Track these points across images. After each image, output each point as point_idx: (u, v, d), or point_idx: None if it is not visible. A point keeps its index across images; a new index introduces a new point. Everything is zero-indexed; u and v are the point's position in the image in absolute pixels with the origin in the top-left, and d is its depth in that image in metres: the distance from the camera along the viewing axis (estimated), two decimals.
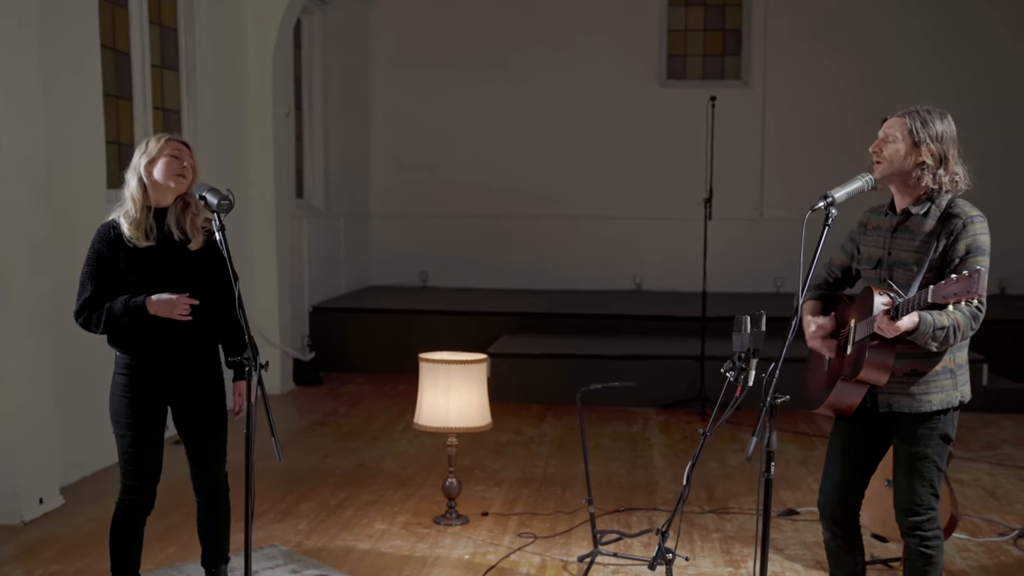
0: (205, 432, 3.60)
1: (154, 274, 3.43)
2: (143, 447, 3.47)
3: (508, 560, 4.41)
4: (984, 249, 3.10)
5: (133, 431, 3.46)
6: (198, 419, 3.58)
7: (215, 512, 3.67)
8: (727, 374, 3.10)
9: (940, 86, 10.54)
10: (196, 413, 3.58)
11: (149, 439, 3.49)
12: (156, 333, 3.42)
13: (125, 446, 3.47)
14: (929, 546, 3.21)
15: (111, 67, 6.07)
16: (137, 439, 3.46)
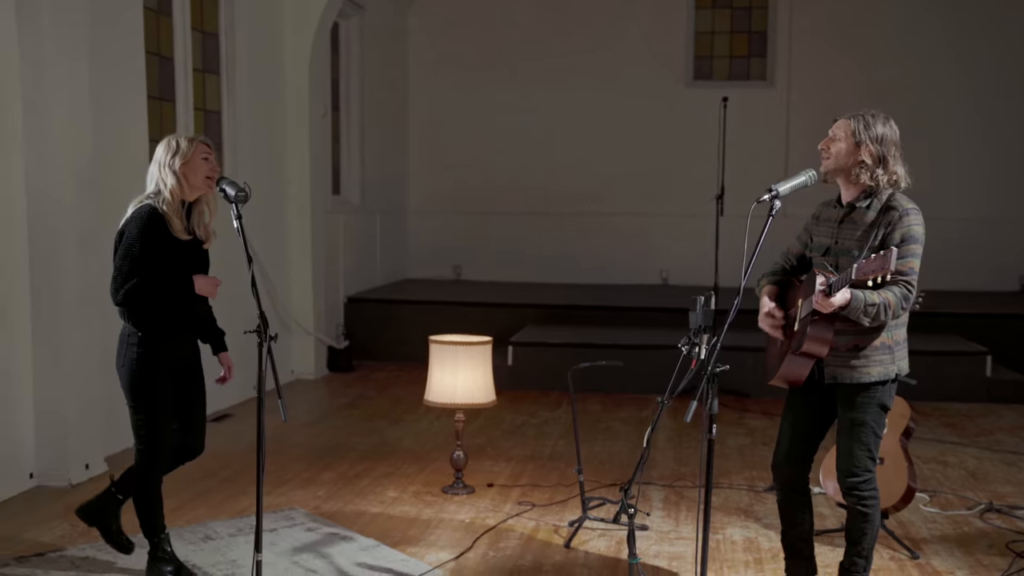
0: (201, 405, 4.05)
1: (186, 266, 3.87)
2: (159, 412, 3.87)
3: (505, 524, 4.80)
4: (917, 238, 3.44)
5: (151, 402, 3.84)
6: (196, 387, 4.03)
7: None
8: (682, 348, 3.47)
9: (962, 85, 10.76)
10: (194, 382, 4.02)
11: (165, 409, 3.89)
12: (177, 314, 3.86)
13: (142, 417, 3.86)
14: (866, 504, 3.55)
15: (155, 71, 6.57)
16: (155, 407, 3.85)
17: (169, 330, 3.87)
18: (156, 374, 3.85)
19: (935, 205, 10.58)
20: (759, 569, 4.25)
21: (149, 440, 3.89)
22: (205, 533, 4.56)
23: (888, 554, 4.40)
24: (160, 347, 3.85)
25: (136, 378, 3.84)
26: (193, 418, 4.03)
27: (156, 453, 3.92)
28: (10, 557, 4.22)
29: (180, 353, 3.94)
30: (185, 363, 3.97)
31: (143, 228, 3.79)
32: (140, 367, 3.83)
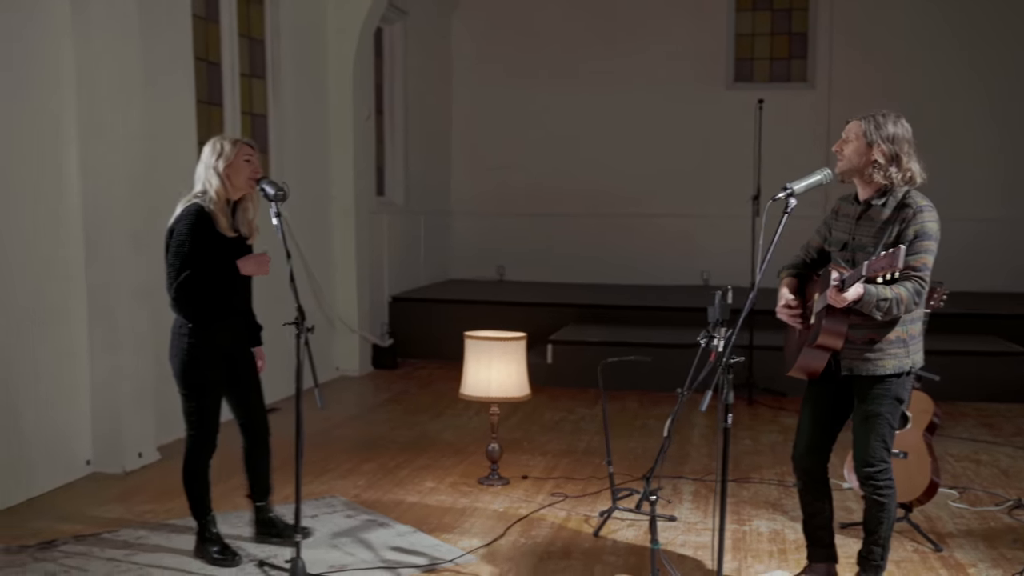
0: (255, 383, 4.28)
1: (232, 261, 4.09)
2: (208, 399, 4.13)
3: (537, 514, 4.96)
4: (930, 234, 3.53)
5: (199, 389, 4.11)
6: (249, 373, 4.27)
7: (260, 449, 4.34)
8: (701, 342, 3.60)
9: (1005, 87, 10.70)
10: (243, 366, 4.26)
11: (213, 395, 4.16)
12: (222, 304, 4.09)
13: (191, 403, 4.12)
14: (881, 494, 3.65)
15: (204, 76, 6.82)
16: (203, 393, 4.11)
17: (212, 319, 4.09)
18: (205, 363, 4.08)
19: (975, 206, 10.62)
20: (783, 559, 4.35)
21: (198, 426, 4.13)
22: (250, 518, 4.76)
23: (912, 546, 4.48)
24: (207, 336, 4.07)
25: (187, 367, 4.08)
26: (250, 399, 4.27)
27: (204, 438, 4.16)
28: (69, 536, 4.46)
29: (225, 340, 4.16)
30: (232, 349, 4.19)
31: (191, 225, 4.02)
32: (190, 356, 4.07)
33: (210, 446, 4.20)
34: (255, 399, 4.30)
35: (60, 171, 5.33)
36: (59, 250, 5.33)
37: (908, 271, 3.49)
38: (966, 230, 10.78)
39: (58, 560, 4.16)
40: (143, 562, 4.16)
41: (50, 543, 4.36)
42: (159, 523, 4.71)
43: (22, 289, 5.09)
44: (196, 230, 4.02)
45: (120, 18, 5.45)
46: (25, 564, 4.11)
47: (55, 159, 5.30)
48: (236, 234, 4.13)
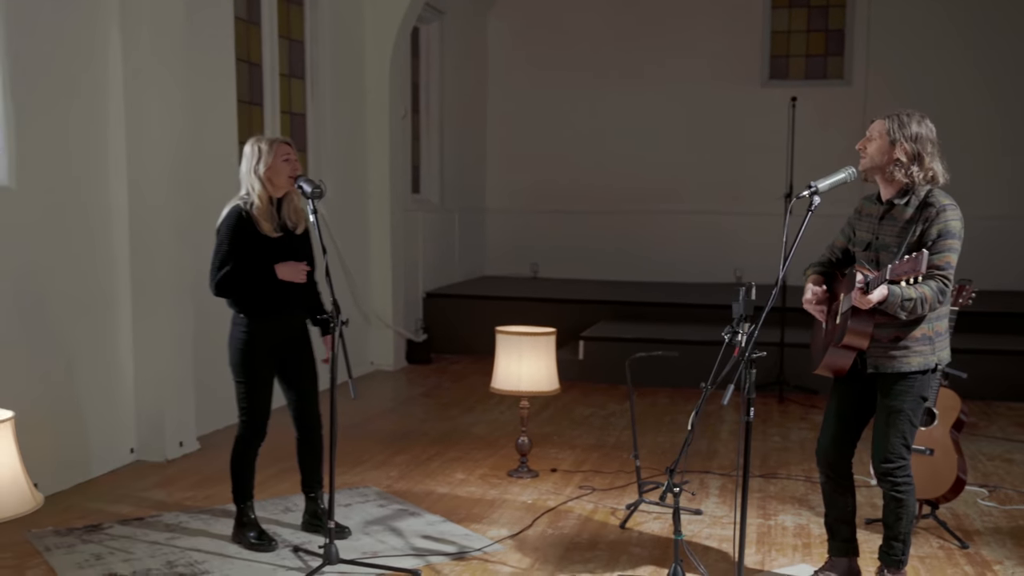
0: (308, 377, 4.40)
1: (277, 258, 4.24)
2: (259, 391, 4.29)
3: (565, 506, 5.05)
4: (953, 233, 3.58)
5: (251, 378, 4.28)
6: (302, 367, 4.39)
7: (312, 441, 4.47)
8: (725, 336, 3.68)
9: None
10: (301, 362, 4.39)
11: (264, 384, 4.32)
12: (272, 299, 4.23)
13: (243, 391, 4.29)
14: (900, 490, 3.71)
15: (245, 77, 6.98)
16: (255, 383, 4.27)
17: (266, 313, 4.24)
18: (258, 354, 4.25)
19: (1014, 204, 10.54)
20: (807, 553, 4.41)
21: (249, 412, 4.30)
22: (285, 505, 4.91)
23: (938, 543, 4.52)
24: (262, 328, 4.24)
25: (239, 355, 4.26)
26: (302, 389, 4.42)
27: (254, 425, 4.33)
28: (114, 520, 4.63)
29: (283, 333, 4.32)
30: (289, 342, 4.34)
31: (231, 227, 4.22)
32: (243, 346, 4.26)
33: (259, 434, 4.36)
34: (308, 393, 4.44)
35: (108, 169, 5.50)
36: (106, 246, 5.51)
37: (932, 270, 3.54)
38: (1004, 228, 10.74)
39: (104, 542, 4.32)
40: (184, 545, 4.31)
41: (96, 526, 4.53)
42: (199, 509, 4.86)
43: (73, 283, 5.28)
44: (235, 231, 4.20)
45: (166, 22, 5.61)
46: (73, 545, 4.27)
47: (103, 157, 5.47)
48: (282, 232, 4.26)
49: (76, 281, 5.30)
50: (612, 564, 4.23)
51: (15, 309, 4.89)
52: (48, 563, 4.09)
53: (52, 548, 4.24)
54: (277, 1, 7.39)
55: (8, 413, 3.08)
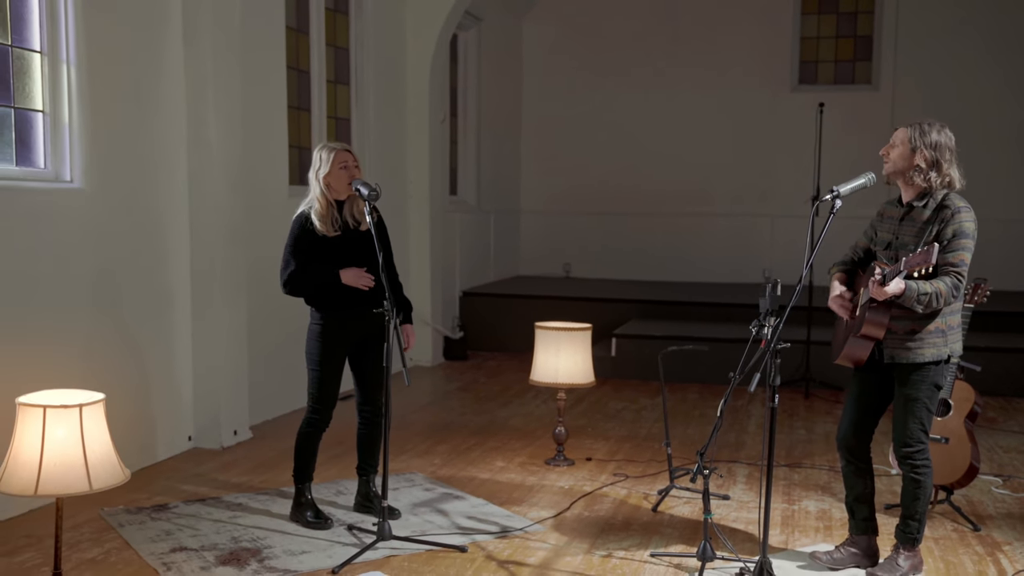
0: (377, 369, 4.71)
1: (338, 256, 4.57)
2: (328, 380, 4.63)
3: (600, 491, 5.34)
4: (967, 233, 3.84)
5: (322, 367, 4.61)
6: (371, 359, 4.71)
7: (372, 428, 4.80)
8: (752, 329, 3.96)
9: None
10: (370, 354, 4.71)
11: (333, 374, 4.65)
12: (344, 296, 4.56)
13: (314, 378, 4.63)
14: (919, 472, 3.97)
15: (294, 83, 7.33)
16: (323, 373, 4.61)
17: (335, 308, 4.58)
18: (328, 346, 4.59)
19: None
20: (828, 535, 4.68)
21: (316, 397, 4.65)
22: (338, 489, 5.24)
23: (952, 526, 4.77)
24: (333, 322, 4.59)
25: (311, 345, 4.63)
26: (366, 381, 4.75)
27: (321, 412, 4.67)
28: (179, 501, 4.98)
29: (354, 327, 4.64)
30: (363, 336, 4.67)
31: (293, 230, 4.62)
32: (315, 337, 4.62)
33: (325, 420, 4.70)
34: (375, 386, 4.74)
35: (170, 172, 5.86)
36: (168, 244, 5.87)
37: (947, 267, 3.81)
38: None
39: (171, 520, 4.66)
40: (246, 523, 4.64)
41: (163, 506, 4.88)
42: (256, 491, 5.20)
43: (139, 281, 5.64)
44: (296, 235, 4.59)
45: (225, 34, 5.96)
46: (144, 522, 4.62)
47: (166, 161, 5.83)
48: (342, 231, 4.58)
49: (142, 278, 5.66)
50: (645, 543, 4.51)
51: (93, 304, 5.26)
52: (123, 537, 4.43)
53: (125, 524, 4.59)
54: (325, 10, 7.73)
55: (99, 395, 3.42)
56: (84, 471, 3.27)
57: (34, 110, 5.03)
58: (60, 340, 5.01)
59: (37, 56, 5.00)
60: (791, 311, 3.90)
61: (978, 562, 4.32)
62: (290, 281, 4.58)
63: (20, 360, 4.71)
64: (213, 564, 4.11)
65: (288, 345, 6.92)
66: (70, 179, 5.16)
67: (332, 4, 7.92)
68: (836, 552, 4.25)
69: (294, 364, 6.97)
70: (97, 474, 3.30)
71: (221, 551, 4.27)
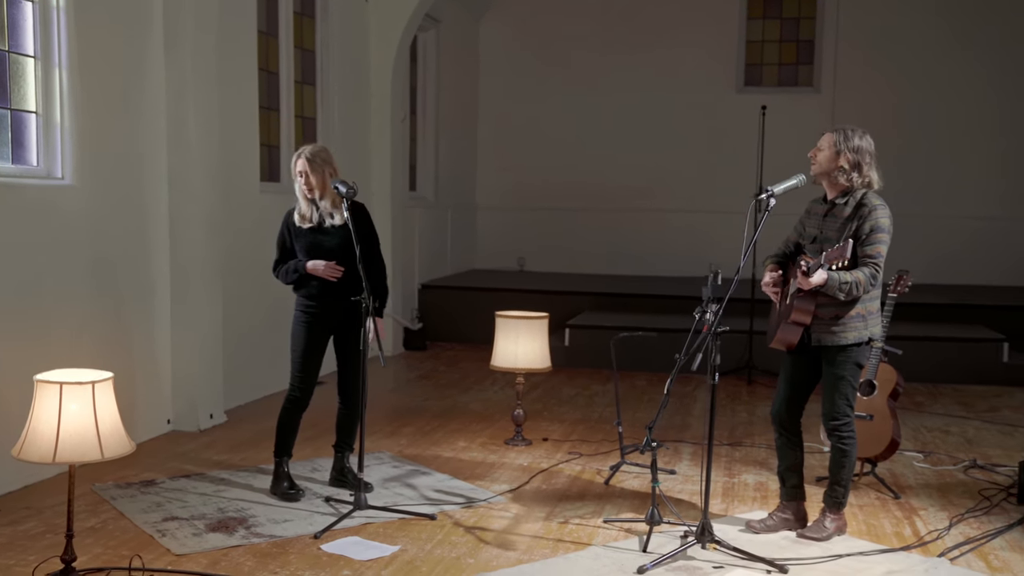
0: (353, 354, 5.07)
1: (313, 246, 4.95)
2: (308, 362, 5.01)
3: (556, 467, 5.78)
4: (883, 228, 4.33)
5: (302, 350, 5.00)
6: (350, 345, 5.07)
7: (350, 410, 5.18)
8: (695, 315, 4.41)
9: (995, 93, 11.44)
10: (349, 340, 5.08)
11: (313, 357, 5.04)
12: (323, 285, 4.94)
13: (296, 360, 5.02)
14: (845, 443, 4.46)
15: (264, 84, 7.66)
16: (304, 356, 4.99)
17: (313, 296, 4.97)
18: (308, 332, 4.99)
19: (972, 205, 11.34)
20: (764, 503, 5.15)
21: (298, 381, 5.05)
22: (313, 466, 5.61)
23: (875, 495, 5.27)
24: (313, 309, 4.98)
25: (293, 330, 5.04)
26: (345, 368, 5.13)
27: (301, 393, 5.06)
28: (165, 477, 5.32)
29: (333, 314, 5.01)
30: (341, 324, 5.04)
31: (281, 225, 5.09)
32: (296, 322, 5.03)
33: (304, 400, 5.09)
34: (353, 371, 5.11)
35: (153, 170, 6.18)
36: (150, 237, 6.19)
37: (866, 258, 4.30)
38: (964, 227, 11.55)
39: (160, 493, 5.01)
40: (230, 496, 5.00)
41: (151, 481, 5.22)
42: (237, 468, 5.55)
43: (125, 272, 5.96)
44: (281, 229, 5.09)
45: (204, 38, 6.29)
46: (135, 496, 4.96)
47: (149, 159, 6.14)
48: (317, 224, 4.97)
49: (128, 270, 5.98)
50: (598, 511, 4.95)
51: (84, 294, 5.58)
52: (116, 508, 4.77)
53: (117, 497, 4.92)
54: (293, 14, 8.06)
55: (109, 374, 3.77)
56: (97, 441, 3.62)
57: (28, 111, 5.33)
58: (52, 328, 5.32)
59: (31, 60, 5.31)
60: (734, 302, 4.36)
61: (896, 524, 4.82)
62: (275, 268, 5.06)
63: (15, 345, 5.02)
64: (204, 531, 4.47)
65: (259, 333, 7.28)
66: (61, 176, 5.47)
67: (299, 8, 8.26)
68: (769, 519, 4.72)
69: (265, 351, 7.35)
70: (108, 444, 3.66)
71: (210, 520, 4.63)
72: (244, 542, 4.35)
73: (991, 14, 11.56)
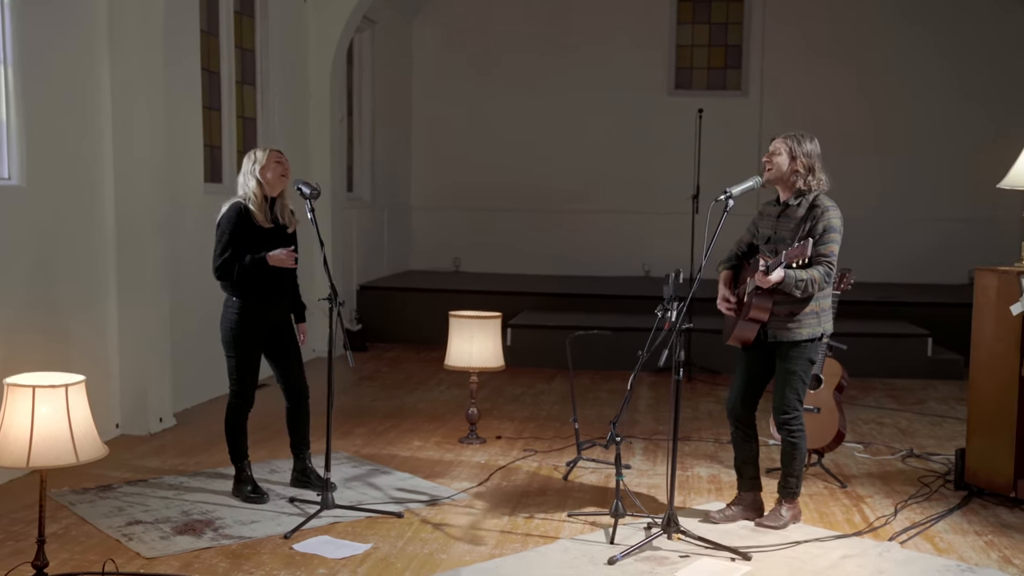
0: (294, 355, 5.09)
1: (271, 247, 4.91)
2: (247, 363, 4.97)
3: (514, 464, 5.86)
4: (835, 228, 4.51)
5: (242, 352, 4.95)
6: (289, 344, 5.08)
7: (300, 410, 5.17)
8: (657, 313, 4.54)
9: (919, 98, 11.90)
10: (287, 340, 5.08)
11: (252, 359, 5.00)
12: (266, 286, 4.91)
13: (234, 364, 4.96)
14: (794, 436, 4.64)
15: (206, 84, 7.57)
16: (243, 358, 4.95)
17: (258, 297, 4.92)
18: (247, 333, 4.92)
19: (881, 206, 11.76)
20: (719, 495, 5.31)
21: (238, 383, 4.98)
22: (271, 468, 5.59)
23: (823, 485, 5.48)
24: (252, 311, 4.92)
25: (231, 334, 4.93)
26: (288, 367, 5.11)
27: (244, 395, 5.00)
28: (122, 482, 5.25)
29: (271, 317, 5.00)
30: (277, 325, 5.03)
31: (230, 219, 4.92)
32: (234, 326, 4.92)
33: (248, 402, 5.04)
34: (297, 367, 5.12)
35: (100, 171, 6.08)
36: (98, 238, 6.09)
37: (819, 257, 4.47)
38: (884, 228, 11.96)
39: (119, 498, 4.95)
40: (192, 499, 4.97)
41: (107, 487, 5.15)
42: (192, 472, 5.51)
43: (71, 275, 5.86)
44: (235, 223, 4.90)
45: (150, 40, 6.21)
46: (93, 501, 4.89)
47: (96, 160, 6.05)
48: (273, 225, 4.95)
49: (73, 273, 5.88)
50: (561, 506, 5.05)
51: (29, 295, 5.46)
52: (77, 514, 4.70)
53: (75, 503, 4.85)
54: (233, 13, 7.99)
55: (81, 377, 3.73)
56: (71, 445, 3.58)
57: None
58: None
59: None
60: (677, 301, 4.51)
61: (846, 511, 5.02)
62: (223, 266, 4.86)
63: None
64: (171, 534, 4.44)
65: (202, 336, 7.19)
66: (8, 176, 5.35)
67: (239, 6, 8.19)
68: (727, 509, 4.87)
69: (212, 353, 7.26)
70: (82, 447, 3.62)
71: (175, 523, 4.59)
72: (214, 544, 4.33)
73: (910, 23, 12.01)
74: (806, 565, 4.25)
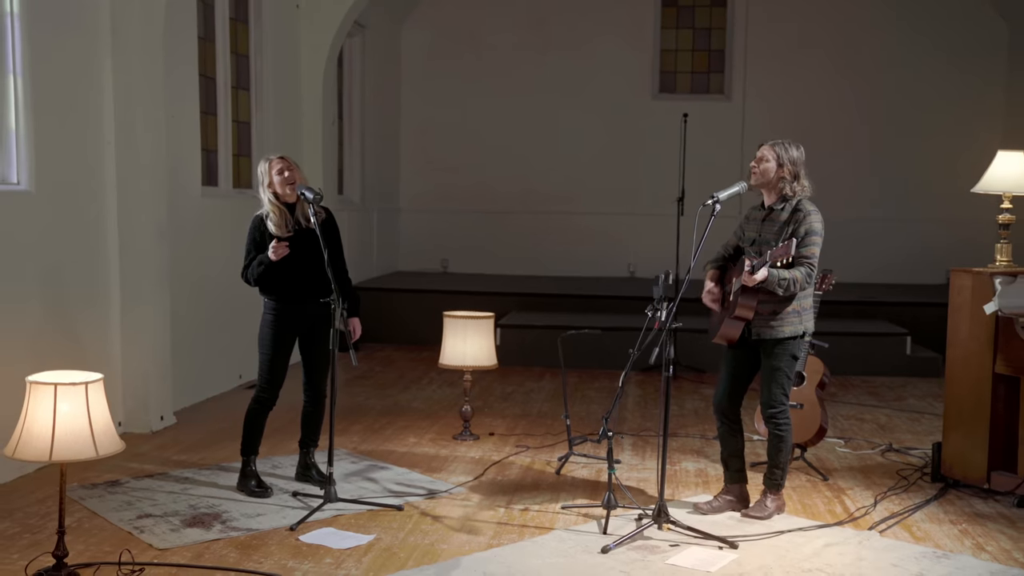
0: (321, 355, 5.26)
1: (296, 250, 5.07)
2: (276, 363, 5.17)
3: (508, 459, 6.05)
4: (817, 231, 4.73)
5: (271, 352, 5.15)
6: (318, 346, 5.25)
7: (316, 408, 5.36)
8: (648, 313, 4.74)
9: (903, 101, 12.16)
10: (317, 342, 5.25)
11: (281, 358, 5.20)
12: (294, 287, 5.09)
13: (264, 361, 5.17)
14: (781, 429, 4.85)
15: (202, 89, 7.73)
16: (273, 358, 5.15)
17: (285, 298, 5.13)
18: (277, 334, 5.15)
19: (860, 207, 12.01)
20: (707, 488, 5.52)
21: (265, 379, 5.20)
22: (273, 464, 5.76)
23: (806, 478, 5.69)
24: (282, 311, 5.14)
25: (262, 332, 5.18)
26: (312, 368, 5.31)
27: (268, 393, 5.21)
28: (129, 477, 5.41)
29: (302, 317, 5.19)
30: (312, 325, 5.21)
31: (250, 231, 5.20)
32: (265, 324, 5.18)
33: (271, 400, 5.24)
34: (320, 371, 5.31)
35: (103, 177, 6.24)
36: (101, 240, 6.24)
37: (801, 259, 4.68)
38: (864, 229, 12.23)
39: (128, 493, 5.11)
40: (198, 494, 5.13)
41: (115, 482, 5.31)
42: (198, 467, 5.67)
43: (79, 277, 6.02)
44: (252, 234, 5.19)
45: (150, 45, 6.36)
46: (103, 496, 5.05)
47: (100, 167, 6.20)
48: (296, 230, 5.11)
49: (81, 274, 6.04)
50: (555, 499, 5.24)
51: (39, 298, 5.61)
52: (88, 508, 4.86)
53: (86, 498, 5.01)
54: (228, 19, 8.15)
55: (99, 375, 3.90)
56: (91, 440, 3.75)
57: None
58: (7, 333, 5.35)
59: None
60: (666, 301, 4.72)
61: (828, 503, 5.24)
62: (245, 273, 5.16)
63: None
64: (181, 526, 4.61)
65: (202, 336, 7.37)
66: (17, 181, 5.51)
67: (234, 13, 8.34)
68: (715, 501, 5.08)
69: (211, 353, 7.44)
70: (102, 442, 3.79)
71: (184, 516, 4.76)
72: (223, 535, 4.51)
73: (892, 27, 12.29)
74: (790, 553, 4.46)
